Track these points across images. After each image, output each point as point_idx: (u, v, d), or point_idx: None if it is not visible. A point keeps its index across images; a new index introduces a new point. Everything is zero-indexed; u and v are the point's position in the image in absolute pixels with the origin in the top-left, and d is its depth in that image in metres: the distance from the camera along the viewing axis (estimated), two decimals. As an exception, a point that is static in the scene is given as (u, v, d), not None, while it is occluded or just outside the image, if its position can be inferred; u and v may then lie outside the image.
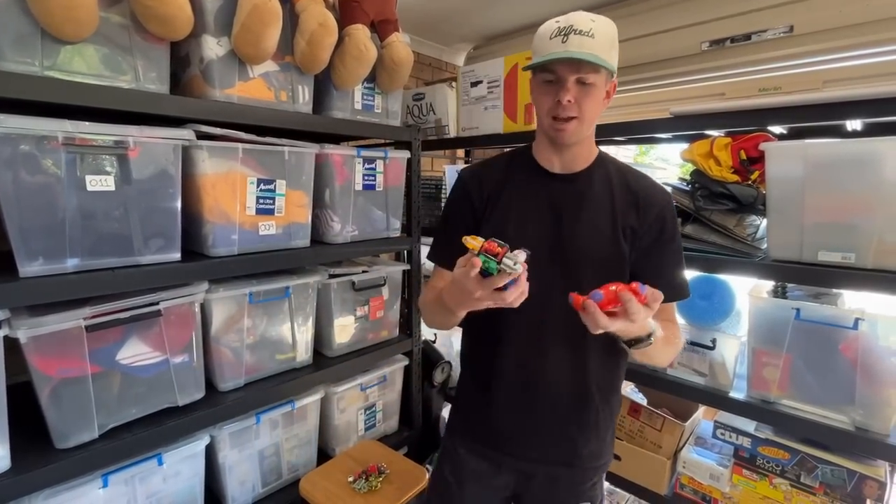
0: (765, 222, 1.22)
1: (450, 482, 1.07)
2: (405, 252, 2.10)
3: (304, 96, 1.33)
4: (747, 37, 1.58)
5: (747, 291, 1.29)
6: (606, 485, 1.61)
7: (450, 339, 2.12)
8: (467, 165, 2.05)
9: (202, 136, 1.11)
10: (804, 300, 1.24)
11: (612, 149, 2.15)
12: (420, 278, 1.77)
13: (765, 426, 1.28)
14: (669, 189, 1.35)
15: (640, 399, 1.63)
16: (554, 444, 0.98)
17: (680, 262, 0.97)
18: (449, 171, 2.07)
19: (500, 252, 0.67)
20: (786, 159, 1.12)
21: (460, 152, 2.65)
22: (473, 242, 0.69)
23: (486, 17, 2.10)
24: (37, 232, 0.89)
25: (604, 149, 1.01)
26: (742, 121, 1.18)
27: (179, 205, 1.08)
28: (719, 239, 1.27)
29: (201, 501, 1.22)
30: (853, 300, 1.27)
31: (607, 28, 0.85)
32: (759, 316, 1.24)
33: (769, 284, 1.36)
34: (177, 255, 1.10)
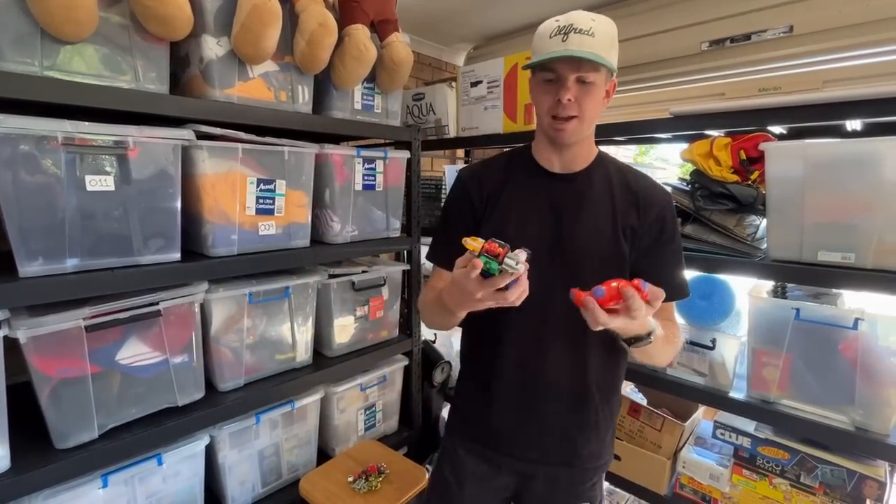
0: (765, 222, 1.22)
1: (450, 482, 1.07)
2: (405, 252, 2.10)
3: (304, 96, 1.33)
4: (747, 37, 1.58)
5: (747, 291, 1.29)
6: (606, 485, 1.61)
7: (450, 340, 2.12)
8: (466, 165, 2.06)
9: (202, 136, 1.11)
10: (804, 300, 1.24)
11: (612, 149, 2.15)
12: (420, 278, 1.77)
13: (764, 426, 1.29)
14: (669, 189, 1.36)
15: (640, 399, 1.63)
16: (554, 444, 0.98)
17: (680, 262, 0.97)
18: (449, 171, 2.06)
19: (501, 252, 0.67)
20: (786, 159, 1.12)
21: (460, 152, 2.65)
22: (474, 244, 0.68)
23: (486, 17, 2.10)
24: (36, 232, 0.89)
25: (604, 149, 1.01)
26: (742, 121, 1.18)
27: (179, 205, 1.08)
28: (719, 239, 1.27)
29: (201, 501, 1.22)
30: (853, 300, 1.27)
31: (607, 27, 0.85)
32: (759, 316, 1.24)
33: (769, 284, 1.36)
34: (176, 255, 1.10)
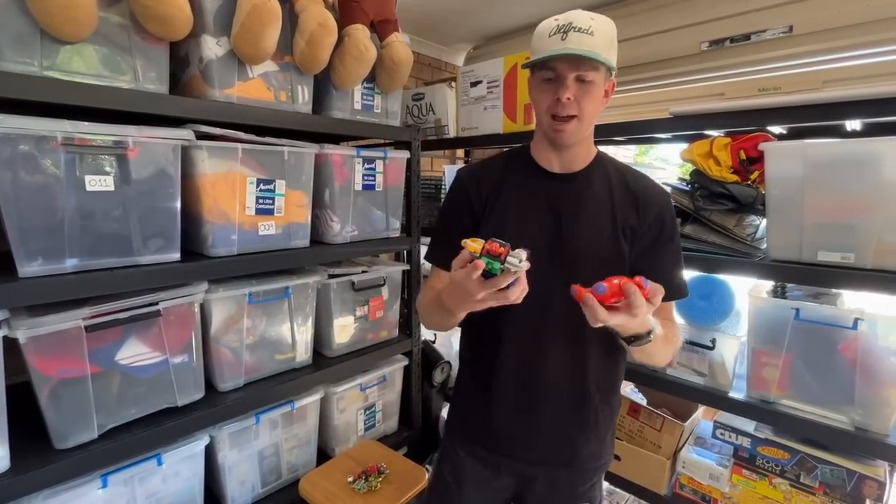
0: (764, 222, 1.22)
1: (449, 483, 1.07)
2: (405, 252, 2.10)
3: (304, 96, 1.33)
4: (747, 37, 1.58)
5: (747, 291, 1.29)
6: (606, 485, 1.61)
7: (449, 340, 2.12)
8: (465, 165, 2.06)
9: (201, 136, 1.11)
10: (804, 300, 1.24)
11: (611, 149, 2.15)
12: (420, 278, 1.77)
13: (764, 426, 1.29)
14: (669, 189, 1.36)
15: (640, 399, 1.63)
16: (553, 444, 0.98)
17: (679, 262, 0.97)
18: (448, 171, 2.07)
19: (503, 252, 0.66)
20: (785, 159, 1.12)
21: (460, 152, 2.65)
22: (474, 245, 0.68)
23: (486, 17, 2.10)
24: (36, 232, 0.89)
25: (603, 149, 1.01)
26: (741, 121, 1.18)
27: (179, 205, 1.08)
28: (719, 239, 1.27)
29: (201, 502, 1.22)
30: (852, 300, 1.27)
31: (606, 27, 0.85)
32: (759, 316, 1.24)
33: (769, 284, 1.36)
34: (176, 256, 1.10)
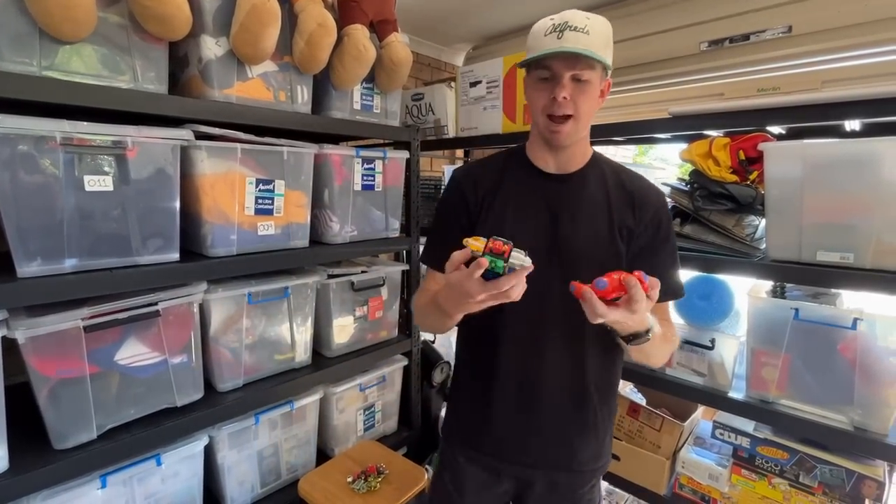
0: (763, 222, 1.22)
1: (451, 492, 1.07)
2: (404, 252, 2.10)
3: (303, 96, 1.33)
4: (746, 37, 1.58)
5: (746, 291, 1.29)
6: (606, 485, 1.61)
7: (449, 340, 2.12)
8: (461, 165, 2.06)
9: (201, 136, 1.11)
10: (803, 300, 1.24)
11: (610, 149, 2.15)
12: (419, 278, 1.77)
13: (764, 426, 1.29)
14: (668, 189, 1.36)
15: (639, 399, 1.63)
16: (552, 446, 0.97)
17: (675, 262, 0.97)
18: (448, 171, 2.07)
19: (506, 250, 0.65)
20: (784, 159, 1.12)
21: (459, 152, 2.65)
22: (476, 244, 0.67)
23: (485, 17, 2.10)
24: (35, 232, 0.89)
25: (602, 149, 1.01)
26: (741, 121, 1.18)
27: (178, 205, 1.08)
28: (718, 239, 1.27)
29: (200, 502, 1.22)
30: (852, 300, 1.27)
31: (602, 26, 0.85)
32: (758, 316, 1.24)
33: (768, 284, 1.36)
34: (175, 256, 1.10)
